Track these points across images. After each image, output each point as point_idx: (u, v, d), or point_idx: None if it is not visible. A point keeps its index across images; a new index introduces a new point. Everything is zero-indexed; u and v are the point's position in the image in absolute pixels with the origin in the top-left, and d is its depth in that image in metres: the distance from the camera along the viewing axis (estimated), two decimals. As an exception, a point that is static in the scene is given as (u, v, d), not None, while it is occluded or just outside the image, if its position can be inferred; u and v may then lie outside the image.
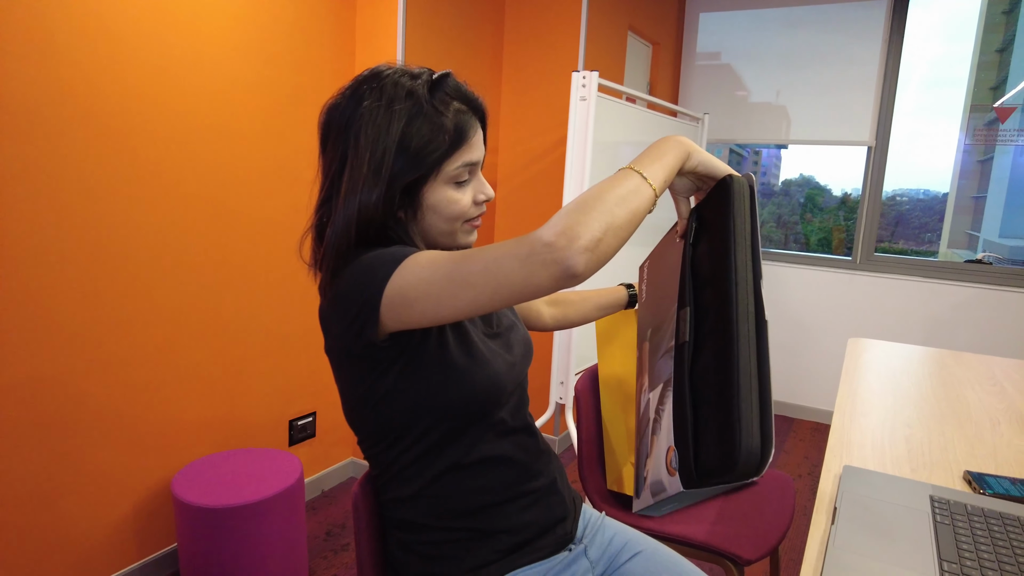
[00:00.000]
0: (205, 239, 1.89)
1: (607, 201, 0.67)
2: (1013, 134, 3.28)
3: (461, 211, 0.87)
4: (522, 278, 0.66)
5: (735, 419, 0.60)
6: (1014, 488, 0.91)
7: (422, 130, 0.82)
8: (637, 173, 0.71)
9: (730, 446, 0.59)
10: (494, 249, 0.70)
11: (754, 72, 3.63)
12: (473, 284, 0.70)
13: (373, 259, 0.78)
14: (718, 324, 0.68)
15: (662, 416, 0.72)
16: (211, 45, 1.82)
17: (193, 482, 1.75)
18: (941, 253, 4.09)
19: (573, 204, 0.67)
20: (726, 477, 0.59)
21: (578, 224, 0.64)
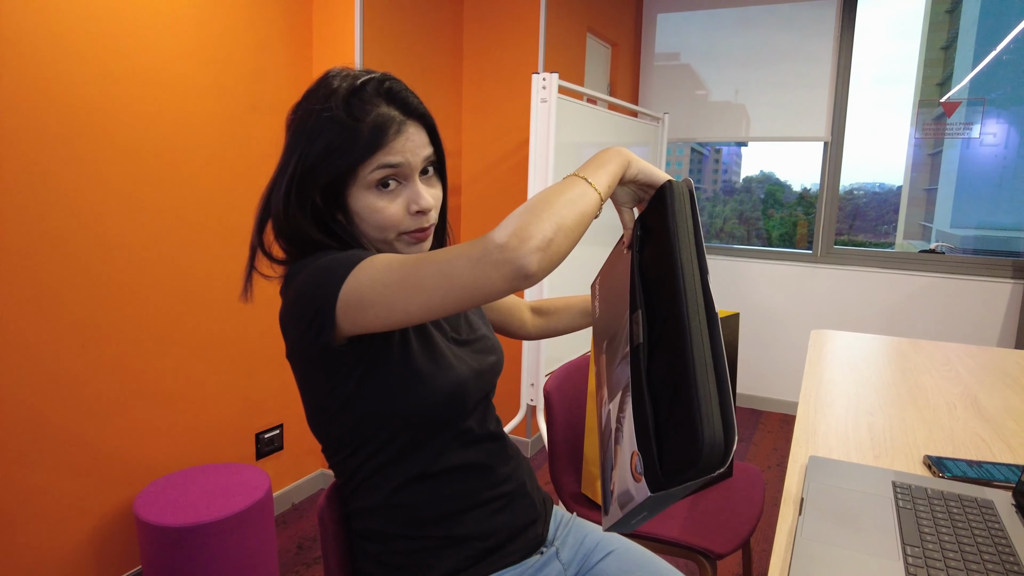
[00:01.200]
0: (161, 250, 1.84)
1: (556, 204, 0.67)
2: (959, 127, 3.39)
3: (387, 221, 0.83)
4: (474, 279, 0.66)
5: (695, 411, 0.60)
6: (971, 470, 0.94)
7: (330, 132, 0.81)
8: (582, 179, 0.72)
9: (692, 438, 0.59)
10: (448, 251, 0.69)
11: (712, 71, 3.69)
12: (426, 287, 0.69)
13: (329, 262, 0.76)
14: (669, 321, 0.68)
15: (623, 424, 0.72)
16: (163, 52, 1.78)
17: (156, 501, 1.70)
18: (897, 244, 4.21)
19: (523, 207, 0.67)
20: (691, 472, 0.59)
21: (529, 225, 0.64)
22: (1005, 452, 1.02)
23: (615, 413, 0.75)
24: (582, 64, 3.13)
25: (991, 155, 3.47)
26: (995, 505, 0.83)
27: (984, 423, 1.13)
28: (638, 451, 0.66)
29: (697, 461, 0.58)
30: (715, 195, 4.30)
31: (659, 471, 0.62)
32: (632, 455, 0.67)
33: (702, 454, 0.58)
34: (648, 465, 0.65)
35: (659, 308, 0.71)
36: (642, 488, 0.64)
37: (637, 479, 0.65)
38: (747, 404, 3.71)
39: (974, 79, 3.48)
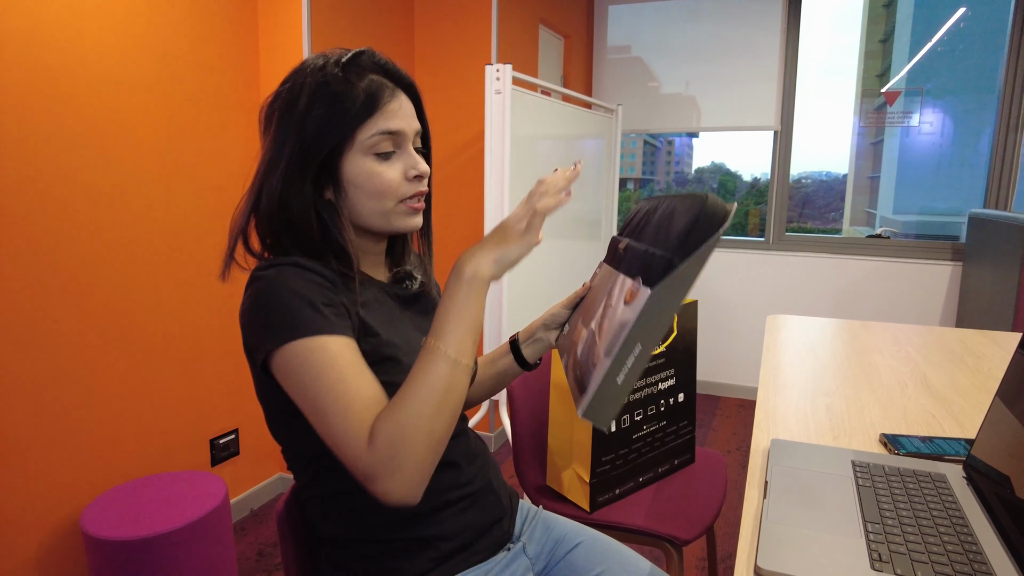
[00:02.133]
0: (101, 250, 1.75)
1: (425, 415, 0.68)
2: (899, 116, 3.51)
3: (386, 186, 0.82)
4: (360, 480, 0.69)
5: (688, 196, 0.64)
6: (924, 446, 0.96)
7: (327, 99, 0.79)
8: (450, 359, 0.70)
9: (694, 202, 0.63)
10: (343, 436, 0.69)
11: (664, 64, 3.73)
12: (323, 434, 0.71)
13: (271, 316, 0.73)
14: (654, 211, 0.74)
15: (613, 299, 0.73)
16: (95, 43, 1.69)
17: (105, 514, 1.62)
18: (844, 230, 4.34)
19: (397, 429, 0.67)
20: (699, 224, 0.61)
21: (408, 472, 0.67)
22: (954, 427, 1.05)
23: (599, 315, 0.77)
24: (535, 56, 3.12)
25: (929, 143, 3.61)
26: (947, 478, 0.86)
27: (934, 400, 1.17)
28: (632, 280, 0.68)
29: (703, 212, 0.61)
30: (668, 187, 4.35)
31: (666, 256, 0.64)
32: (626, 292, 0.69)
33: (707, 204, 0.62)
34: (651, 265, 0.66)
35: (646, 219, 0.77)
36: (640, 296, 0.64)
37: (631, 299, 0.66)
38: (705, 391, 3.78)
39: (911, 70, 3.61)
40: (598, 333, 0.74)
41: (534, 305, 2.57)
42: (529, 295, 2.54)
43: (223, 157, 2.10)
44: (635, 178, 4.40)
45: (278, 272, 0.76)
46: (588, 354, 0.75)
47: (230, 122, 2.11)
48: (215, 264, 2.09)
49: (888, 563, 0.66)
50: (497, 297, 2.30)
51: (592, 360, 0.72)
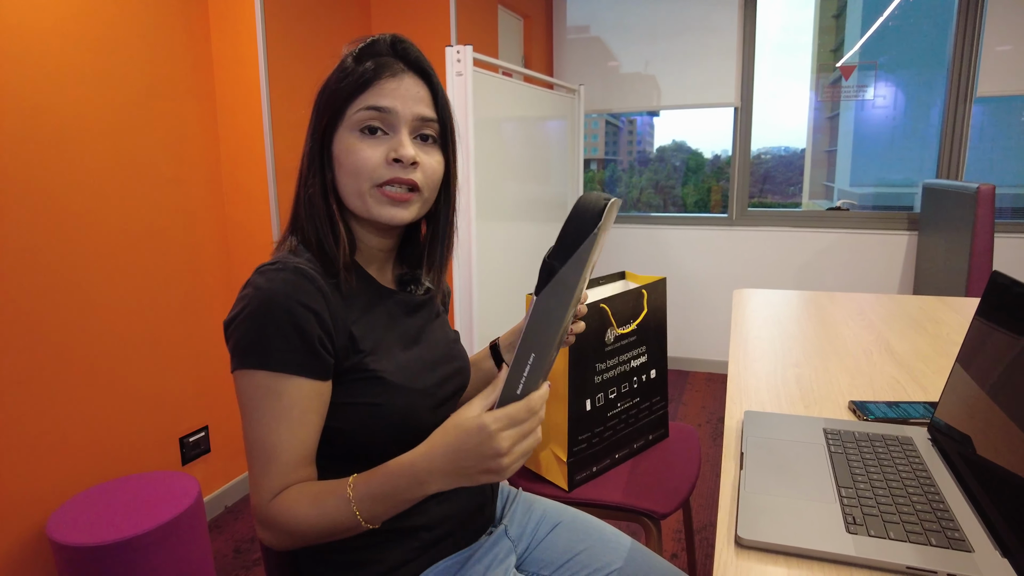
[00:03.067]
0: (57, 248, 1.69)
1: (319, 537, 0.75)
2: (855, 90, 3.58)
3: (362, 164, 0.77)
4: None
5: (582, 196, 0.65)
6: (890, 411, 1.00)
7: (332, 81, 0.81)
8: (360, 521, 0.72)
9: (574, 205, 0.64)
10: (255, 484, 0.75)
11: (623, 43, 3.72)
12: (247, 459, 0.77)
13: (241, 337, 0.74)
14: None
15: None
16: (41, 34, 1.61)
17: (73, 520, 1.58)
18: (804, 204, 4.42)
19: (291, 534, 0.74)
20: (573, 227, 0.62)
21: (287, 544, 0.76)
22: (918, 391, 1.09)
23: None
24: (495, 37, 3.08)
25: (883, 116, 3.69)
26: (914, 441, 0.89)
27: (898, 366, 1.21)
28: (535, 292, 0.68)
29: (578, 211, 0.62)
30: (631, 166, 4.37)
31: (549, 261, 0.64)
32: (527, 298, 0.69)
33: (579, 205, 0.62)
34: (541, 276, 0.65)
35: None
36: (530, 308, 0.64)
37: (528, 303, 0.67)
38: (674, 366, 3.84)
39: (865, 44, 3.67)
40: None
41: (502, 289, 2.57)
42: (497, 280, 2.54)
43: (178, 149, 2.03)
44: (598, 159, 4.40)
45: (274, 281, 0.73)
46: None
47: (184, 112, 2.04)
48: (176, 258, 2.04)
49: (862, 525, 0.68)
50: (467, 282, 2.29)
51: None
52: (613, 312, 1.31)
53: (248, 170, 2.17)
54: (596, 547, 0.98)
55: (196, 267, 2.12)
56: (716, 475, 2.49)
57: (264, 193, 2.17)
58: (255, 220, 2.19)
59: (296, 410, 0.74)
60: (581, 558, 0.97)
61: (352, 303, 0.81)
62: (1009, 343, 0.75)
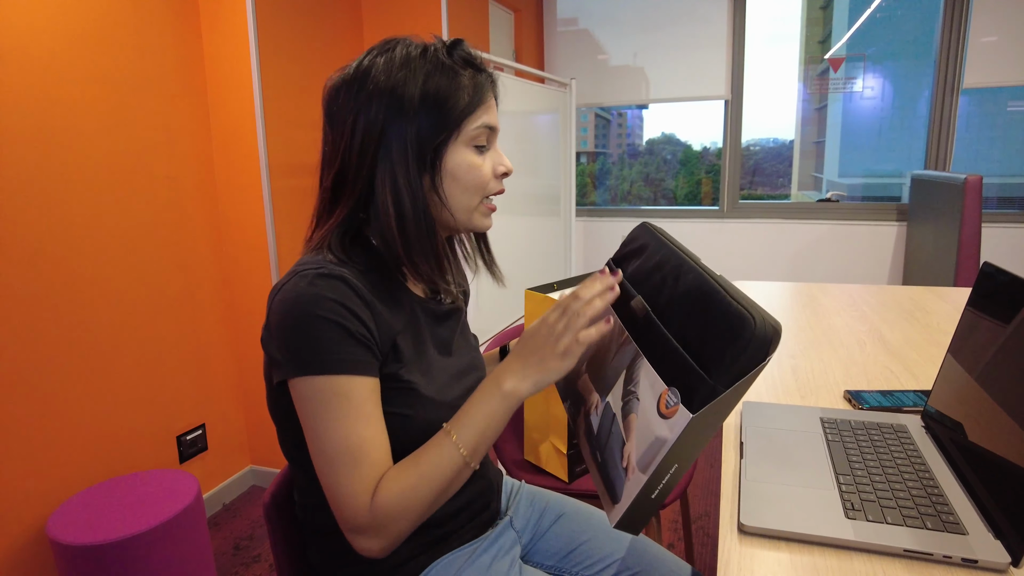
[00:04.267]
0: (48, 248, 1.68)
1: (427, 503, 0.73)
2: (843, 82, 3.60)
3: (483, 180, 0.81)
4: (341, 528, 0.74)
5: (735, 306, 0.61)
6: (884, 399, 1.02)
7: (442, 84, 0.77)
8: (461, 456, 0.73)
9: (741, 323, 0.60)
10: (342, 492, 0.72)
11: (612, 36, 3.73)
12: (319, 477, 0.75)
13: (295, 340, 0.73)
14: (672, 272, 0.73)
15: (637, 387, 0.70)
16: (32, 34, 1.60)
17: (72, 520, 1.58)
18: (793, 195, 4.46)
19: (401, 510, 0.72)
20: (745, 355, 0.59)
21: (396, 536, 0.74)
22: (911, 380, 1.11)
23: (620, 395, 0.74)
24: (486, 31, 3.08)
25: (871, 107, 3.72)
26: (908, 428, 0.91)
27: (890, 356, 1.23)
28: (668, 387, 0.65)
29: (751, 342, 0.59)
30: (621, 159, 4.39)
31: (707, 377, 0.61)
32: (662, 395, 0.65)
33: (756, 333, 0.59)
34: (687, 383, 0.62)
35: (660, 279, 0.74)
36: (677, 421, 0.61)
37: (668, 414, 0.63)
38: (667, 358, 3.86)
39: (852, 36, 3.70)
40: (623, 424, 0.72)
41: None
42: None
43: (171, 146, 2.03)
44: (588, 151, 4.42)
45: (320, 288, 0.73)
46: (612, 447, 0.73)
47: (176, 109, 2.04)
48: (170, 255, 2.03)
49: (860, 511, 0.71)
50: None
51: (622, 463, 0.70)
52: (611, 306, 1.33)
53: (241, 167, 2.17)
54: (598, 537, 1.00)
55: (190, 264, 2.11)
56: (711, 465, 2.52)
57: (257, 190, 2.16)
58: (249, 217, 2.19)
59: (367, 406, 0.73)
60: (584, 548, 0.99)
61: (395, 313, 0.81)
62: (998, 331, 0.77)
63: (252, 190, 2.17)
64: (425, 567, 0.86)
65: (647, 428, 0.66)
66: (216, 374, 2.25)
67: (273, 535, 0.88)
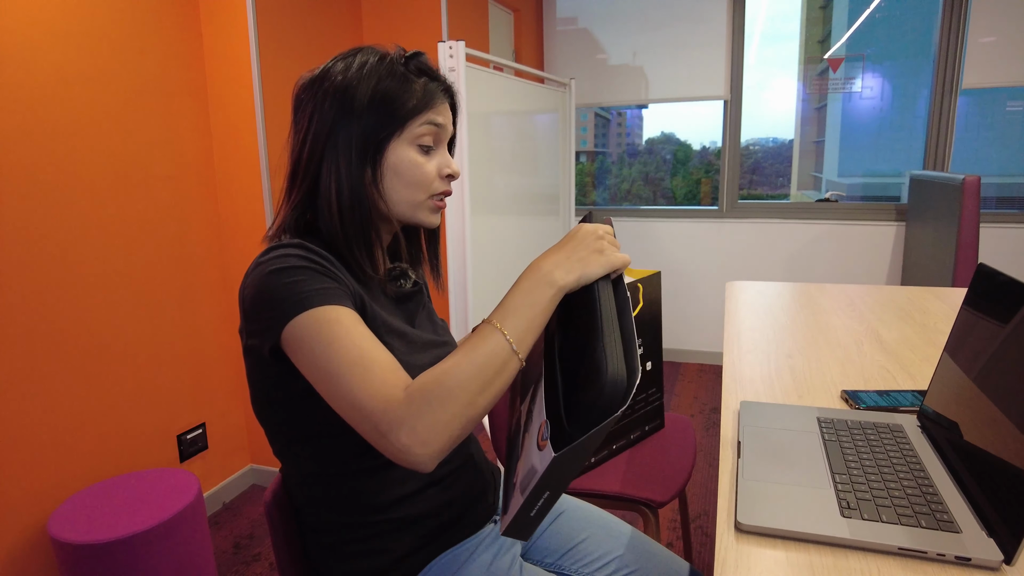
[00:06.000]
0: (50, 249, 1.69)
1: (471, 389, 0.67)
2: (841, 82, 3.61)
3: (426, 178, 0.85)
4: (374, 443, 0.68)
5: (600, 355, 0.61)
6: (881, 399, 1.02)
7: (392, 85, 0.82)
8: (507, 342, 0.69)
9: (597, 378, 0.60)
10: (365, 394, 0.68)
11: (611, 35, 3.73)
12: (338, 405, 0.70)
13: (283, 289, 0.74)
14: (580, 297, 0.72)
15: (535, 407, 0.72)
16: (33, 34, 1.60)
17: (74, 519, 1.59)
18: (792, 195, 4.47)
19: (438, 388, 0.66)
20: (596, 411, 0.59)
21: (437, 427, 0.65)
22: (907, 380, 1.12)
23: (527, 407, 0.76)
24: (486, 31, 3.09)
25: (870, 107, 3.73)
26: (904, 428, 0.91)
27: (887, 355, 1.24)
28: (546, 419, 0.66)
29: (599, 398, 0.59)
30: (620, 159, 4.39)
31: (564, 421, 0.63)
32: (540, 426, 0.67)
33: (604, 390, 0.59)
34: (555, 421, 0.64)
35: (572, 300, 0.74)
36: (547, 453, 0.62)
37: (542, 446, 0.65)
38: (666, 358, 3.87)
39: (852, 36, 3.71)
40: (522, 441, 0.74)
41: (497, 281, 2.59)
42: (492, 272, 2.56)
43: (172, 146, 2.03)
44: (588, 151, 4.42)
45: (281, 251, 0.77)
46: (513, 455, 0.76)
47: (176, 108, 2.04)
48: (170, 255, 2.04)
49: (856, 510, 0.71)
50: (461, 275, 2.31)
51: (513, 479, 0.72)
52: (610, 306, 1.33)
53: (241, 167, 2.17)
54: (598, 535, 1.01)
55: (191, 264, 2.12)
56: (709, 465, 2.53)
57: (257, 189, 2.17)
58: (249, 217, 2.20)
59: (360, 327, 0.73)
60: (583, 546, 1.00)
61: (357, 282, 0.84)
62: (994, 332, 0.78)
63: (252, 189, 2.18)
64: (425, 564, 0.87)
65: (529, 453, 0.69)
66: (216, 373, 2.25)
67: (273, 534, 0.88)
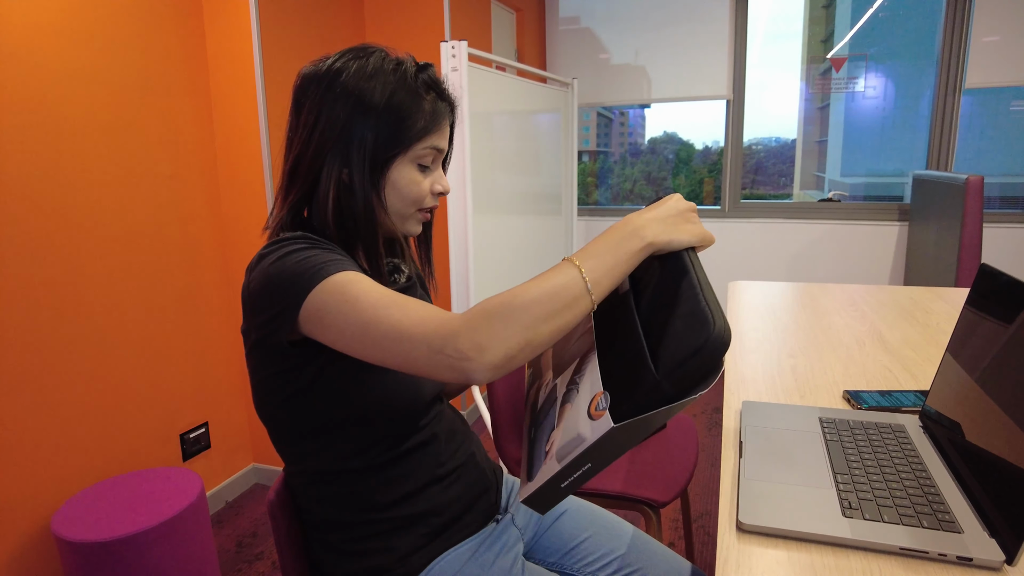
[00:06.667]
0: (53, 248, 1.69)
1: (534, 313, 0.64)
2: (844, 82, 3.60)
3: (420, 196, 0.87)
4: (428, 368, 0.66)
5: (704, 307, 0.61)
6: (883, 399, 1.02)
7: (405, 100, 0.82)
8: (583, 279, 0.66)
9: (702, 325, 0.59)
10: (411, 322, 0.67)
11: (614, 35, 3.73)
12: (383, 348, 0.68)
13: (297, 265, 0.74)
14: (665, 265, 0.71)
15: (581, 380, 0.72)
16: (35, 33, 1.61)
17: (78, 517, 1.59)
18: (795, 195, 4.46)
19: (500, 304, 0.64)
20: (697, 357, 0.58)
21: (494, 337, 0.63)
22: (909, 380, 1.12)
23: (566, 381, 0.76)
24: (488, 31, 3.09)
25: (873, 107, 3.72)
26: (906, 428, 0.91)
27: (889, 355, 1.24)
28: (603, 391, 0.66)
29: (705, 346, 0.58)
30: (623, 158, 4.39)
31: (654, 371, 0.61)
32: (595, 396, 0.66)
33: (711, 339, 0.58)
34: (618, 391, 0.63)
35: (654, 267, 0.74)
36: (602, 423, 0.62)
37: (596, 416, 0.64)
38: (669, 357, 3.86)
39: (855, 36, 3.70)
40: (559, 411, 0.72)
41: (499, 281, 2.59)
42: (494, 272, 2.56)
43: (174, 145, 2.04)
44: (590, 150, 4.42)
45: (289, 241, 0.78)
46: (543, 428, 0.75)
47: (179, 108, 2.05)
48: (173, 254, 2.04)
49: (857, 509, 0.71)
50: (464, 274, 2.31)
51: (545, 447, 0.71)
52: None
53: (244, 166, 2.18)
54: (599, 534, 1.01)
55: (194, 263, 2.13)
56: (711, 465, 2.53)
57: (260, 188, 2.17)
58: (252, 216, 2.20)
59: (381, 287, 0.73)
60: (585, 545, 1.00)
61: None
62: (997, 332, 0.78)
63: (255, 189, 2.18)
64: (428, 563, 0.87)
65: (574, 422, 0.67)
66: (219, 372, 2.26)
67: (276, 532, 0.89)
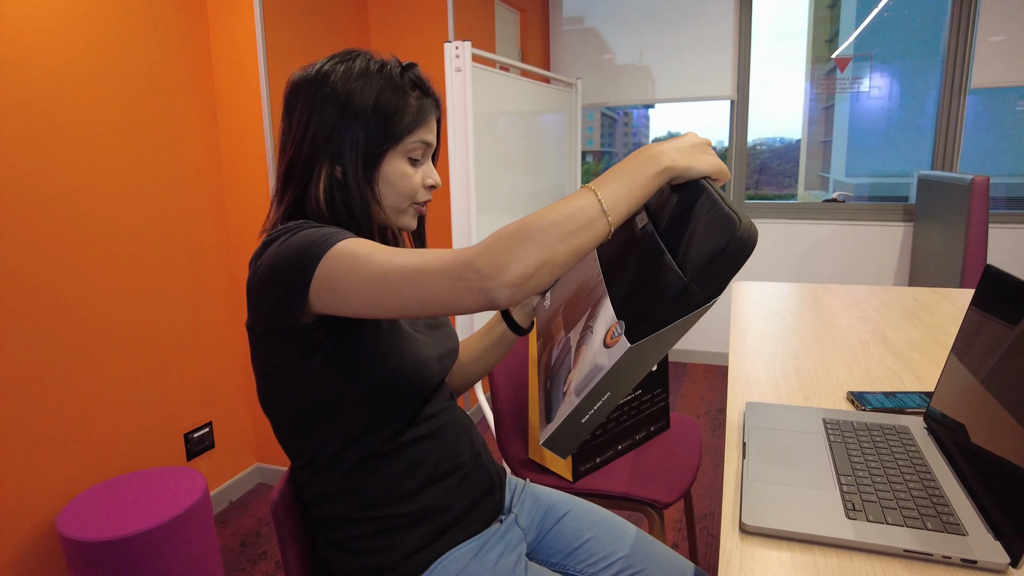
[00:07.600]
0: (59, 247, 1.70)
1: (551, 234, 0.63)
2: (849, 82, 3.59)
3: (412, 189, 0.89)
4: (449, 298, 0.66)
5: (726, 210, 0.61)
6: (887, 401, 1.02)
7: (391, 98, 0.86)
8: (599, 202, 0.65)
9: (728, 224, 0.59)
10: (426, 259, 0.68)
11: (618, 35, 3.73)
12: (402, 292, 0.69)
13: (307, 237, 0.76)
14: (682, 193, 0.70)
15: (593, 323, 0.72)
16: (40, 35, 1.62)
17: (82, 516, 1.60)
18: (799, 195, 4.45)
19: (516, 227, 0.64)
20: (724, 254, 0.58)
21: (511, 256, 0.63)
22: (914, 381, 1.11)
23: (579, 330, 0.76)
24: (492, 31, 3.09)
25: (878, 107, 3.71)
26: (910, 430, 0.91)
27: (894, 357, 1.23)
28: (616, 321, 0.66)
29: (732, 238, 0.58)
30: (628, 158, 4.38)
31: (682, 275, 0.61)
32: (610, 327, 0.67)
33: (737, 234, 0.58)
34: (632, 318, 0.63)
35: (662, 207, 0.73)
36: (619, 347, 0.63)
37: (612, 343, 0.65)
38: (672, 358, 3.87)
39: (859, 35, 3.69)
40: (574, 355, 0.72)
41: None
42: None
43: (179, 145, 2.04)
44: (594, 151, 4.42)
45: (292, 228, 0.80)
46: (560, 375, 0.75)
47: (184, 108, 2.05)
48: (178, 254, 2.05)
49: (861, 511, 0.71)
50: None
51: (563, 388, 0.72)
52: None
53: (248, 166, 2.18)
54: (602, 535, 1.01)
55: (198, 263, 2.13)
56: (715, 466, 2.52)
57: (265, 189, 2.18)
58: (256, 216, 2.21)
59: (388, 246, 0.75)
60: (588, 546, 1.00)
61: None
62: (1002, 333, 0.78)
63: (259, 189, 2.19)
64: (432, 561, 0.87)
65: (591, 357, 0.69)
66: (223, 372, 2.26)
67: (280, 531, 0.89)
